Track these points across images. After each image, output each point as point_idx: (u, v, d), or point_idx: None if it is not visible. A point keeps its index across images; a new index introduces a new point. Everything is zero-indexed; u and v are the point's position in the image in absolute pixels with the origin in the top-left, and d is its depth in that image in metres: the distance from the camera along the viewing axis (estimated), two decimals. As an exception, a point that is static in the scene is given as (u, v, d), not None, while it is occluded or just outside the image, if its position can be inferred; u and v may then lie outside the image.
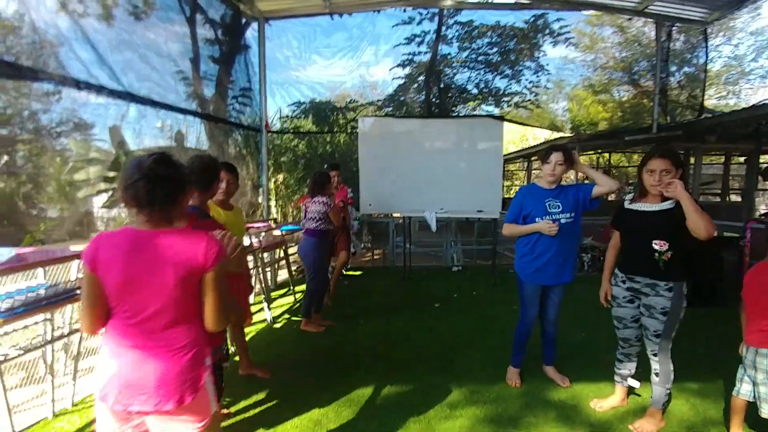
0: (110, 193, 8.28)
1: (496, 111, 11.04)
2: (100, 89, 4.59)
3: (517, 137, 17.82)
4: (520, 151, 13.40)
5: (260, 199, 6.75)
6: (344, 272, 5.25)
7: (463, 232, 8.10)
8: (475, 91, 10.69)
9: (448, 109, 8.73)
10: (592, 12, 9.60)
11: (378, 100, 10.22)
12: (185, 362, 1.42)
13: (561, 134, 10.22)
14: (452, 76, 9.93)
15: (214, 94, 6.97)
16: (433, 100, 8.42)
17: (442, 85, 8.47)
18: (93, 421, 1.63)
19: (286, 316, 4.63)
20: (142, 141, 6.36)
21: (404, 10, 7.28)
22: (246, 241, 4.14)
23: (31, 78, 3.82)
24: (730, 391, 2.45)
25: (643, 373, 2.69)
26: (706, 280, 4.71)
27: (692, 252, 2.43)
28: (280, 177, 10.34)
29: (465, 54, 10.09)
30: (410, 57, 9.56)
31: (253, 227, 4.73)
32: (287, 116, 10.00)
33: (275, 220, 7.27)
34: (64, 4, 5.07)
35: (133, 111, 5.58)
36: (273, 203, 8.83)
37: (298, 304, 4.98)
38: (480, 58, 10.38)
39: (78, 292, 2.58)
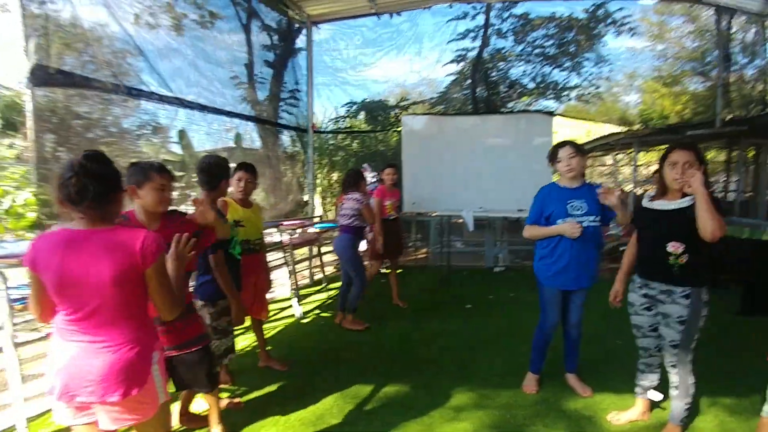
0: (177, 192, 9.02)
1: (556, 105, 10.57)
2: (170, 100, 5.00)
3: (582, 133, 16.81)
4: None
5: (306, 198, 7.00)
6: (382, 270, 5.26)
7: (513, 233, 7.87)
8: (531, 85, 10.31)
9: (497, 104, 8.49)
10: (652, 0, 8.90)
11: (431, 98, 10.18)
12: (130, 356, 1.50)
13: (620, 129, 9.52)
14: (506, 70, 9.64)
15: (267, 97, 7.32)
16: (481, 95, 8.22)
17: (490, 81, 8.25)
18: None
19: (317, 311, 4.80)
20: (206, 143, 6.96)
21: (450, 6, 7.19)
22: (277, 237, 4.35)
23: (100, 89, 4.21)
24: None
25: (666, 385, 2.49)
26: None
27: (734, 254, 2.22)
28: (335, 176, 10.62)
29: (520, 47, 9.77)
30: (463, 53, 9.43)
31: (283, 224, 4.93)
32: (341, 116, 10.22)
33: (320, 217, 7.48)
34: (138, 16, 5.64)
35: (198, 115, 6.06)
36: (319, 201, 9.09)
37: (330, 301, 5.13)
38: (536, 51, 9.99)
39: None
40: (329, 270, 6.11)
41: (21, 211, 3.42)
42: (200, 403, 2.74)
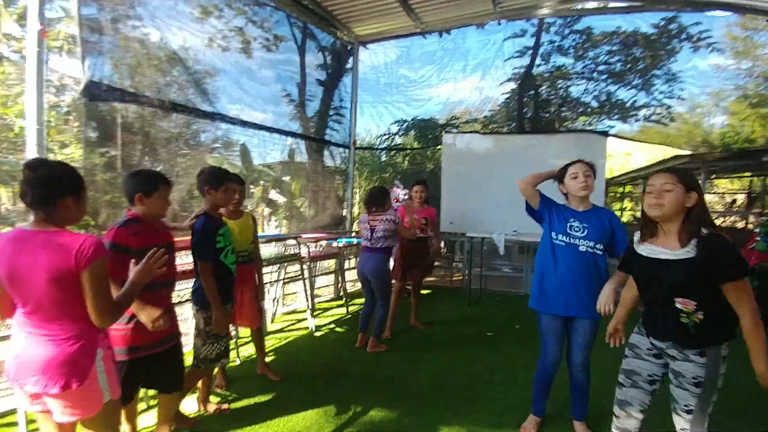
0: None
1: (624, 126, 9.91)
2: (233, 120, 5.44)
3: (659, 154, 15.51)
4: (628, 173, 11.80)
5: (344, 212, 7.09)
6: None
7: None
8: (595, 103, 9.77)
9: (548, 123, 8.10)
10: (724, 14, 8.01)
11: (484, 117, 9.97)
12: (71, 352, 1.57)
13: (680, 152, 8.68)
14: (564, 88, 9.21)
15: (315, 114, 7.58)
16: (529, 114, 7.90)
17: (541, 99, 7.90)
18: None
19: (332, 326, 4.78)
20: (266, 157, 7.43)
21: (499, 23, 7.03)
22: (297, 250, 4.43)
23: (146, 104, 4.58)
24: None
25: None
26: None
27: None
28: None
29: (581, 64, 9.31)
30: (518, 71, 9.16)
31: (302, 237, 4.99)
32: (392, 133, 10.31)
33: (357, 232, 7.53)
34: (212, 39, 6.16)
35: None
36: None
37: (348, 317, 5.09)
38: (600, 67, 9.48)
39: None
40: (350, 286, 6.08)
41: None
42: (190, 404, 2.82)
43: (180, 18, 5.22)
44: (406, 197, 5.93)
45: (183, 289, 3.63)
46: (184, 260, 3.52)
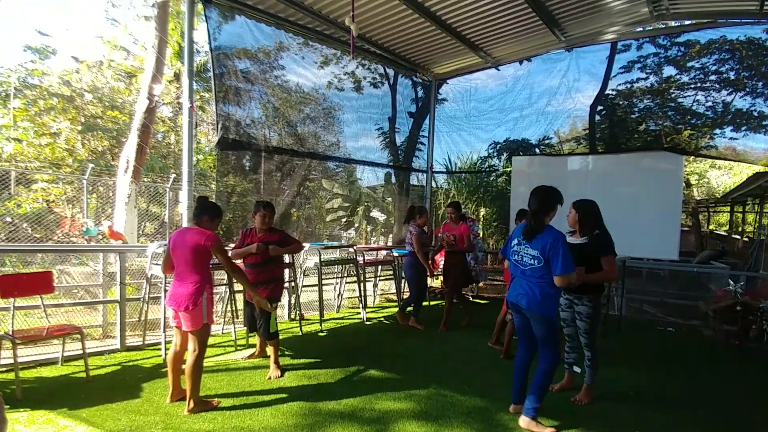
0: (344, 218, 11.43)
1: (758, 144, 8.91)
2: (341, 160, 7.57)
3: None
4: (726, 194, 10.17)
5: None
6: (471, 299, 6.11)
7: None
8: (710, 114, 9.01)
9: (621, 142, 7.82)
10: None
11: (571, 138, 9.92)
12: (191, 290, 3.04)
13: None
14: (641, 107, 8.69)
15: (402, 142, 8.82)
16: (605, 134, 7.81)
17: (617, 118, 7.75)
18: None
19: (381, 318, 5.87)
20: (371, 180, 9.08)
21: (569, 50, 7.37)
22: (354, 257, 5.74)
23: (255, 150, 6.31)
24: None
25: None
26: None
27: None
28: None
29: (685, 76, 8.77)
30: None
31: (359, 246, 6.16)
32: (484, 156, 10.91)
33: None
34: (331, 82, 7.99)
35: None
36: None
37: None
38: (712, 77, 8.79)
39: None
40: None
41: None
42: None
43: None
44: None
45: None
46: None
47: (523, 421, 3.03)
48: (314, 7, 5.81)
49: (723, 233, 12.86)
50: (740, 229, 12.31)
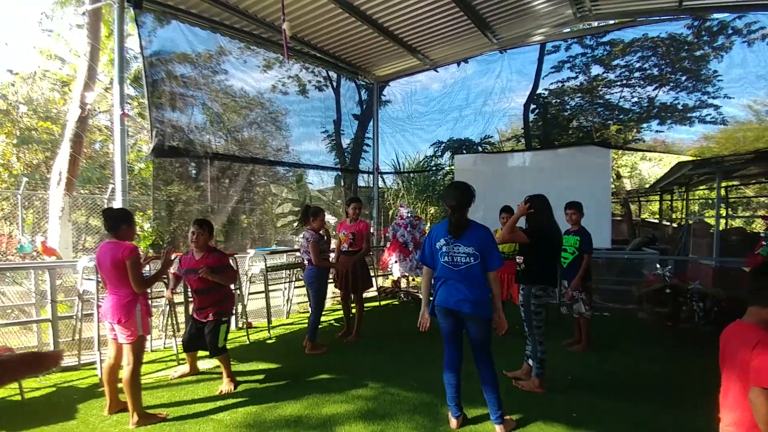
0: (296, 223, 11.31)
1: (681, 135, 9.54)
2: (289, 164, 7.47)
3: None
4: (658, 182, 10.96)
5: (372, 230, 8.19)
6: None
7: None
8: (636, 109, 9.58)
9: (553, 139, 8.24)
10: None
11: (511, 137, 10.31)
12: (124, 302, 3.01)
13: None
14: (590, 100, 9.24)
15: (348, 144, 8.87)
16: (537, 131, 8.23)
17: (549, 115, 8.19)
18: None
19: (332, 321, 5.94)
20: (318, 185, 8.99)
21: (501, 52, 7.67)
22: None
23: (193, 156, 6.17)
24: None
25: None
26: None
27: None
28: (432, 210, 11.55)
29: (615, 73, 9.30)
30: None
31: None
32: (429, 156, 11.11)
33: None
34: (275, 86, 7.86)
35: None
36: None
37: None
38: (637, 74, 9.36)
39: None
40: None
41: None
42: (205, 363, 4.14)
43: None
44: (409, 215, 6.81)
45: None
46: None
47: (500, 429, 2.92)
48: (250, 11, 5.76)
49: (655, 221, 13.73)
50: (671, 216, 13.17)
